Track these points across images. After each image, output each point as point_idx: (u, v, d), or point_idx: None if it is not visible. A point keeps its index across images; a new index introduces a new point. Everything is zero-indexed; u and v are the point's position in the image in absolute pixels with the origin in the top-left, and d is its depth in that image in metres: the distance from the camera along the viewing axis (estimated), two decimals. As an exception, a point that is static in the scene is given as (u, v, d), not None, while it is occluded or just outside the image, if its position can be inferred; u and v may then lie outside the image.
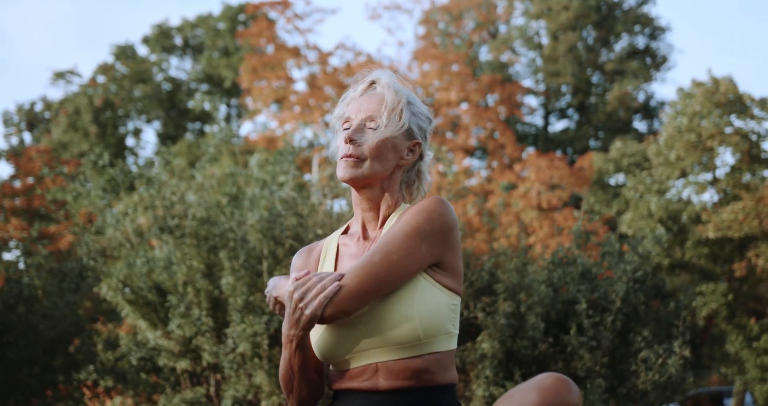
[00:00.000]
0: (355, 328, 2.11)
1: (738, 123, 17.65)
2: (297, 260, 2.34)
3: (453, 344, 2.17)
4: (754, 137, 17.63)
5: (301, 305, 2.07)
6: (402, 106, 2.25)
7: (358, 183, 2.21)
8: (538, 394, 1.94)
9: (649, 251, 7.23)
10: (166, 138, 29.59)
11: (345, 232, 2.33)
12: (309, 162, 16.12)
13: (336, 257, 2.26)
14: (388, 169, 2.23)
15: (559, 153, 26.68)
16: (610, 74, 28.28)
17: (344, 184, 2.32)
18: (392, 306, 2.09)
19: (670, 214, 17.69)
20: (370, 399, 2.11)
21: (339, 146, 2.25)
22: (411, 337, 2.08)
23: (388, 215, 2.25)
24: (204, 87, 31.03)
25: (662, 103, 28.31)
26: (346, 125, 2.25)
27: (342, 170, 2.20)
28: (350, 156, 2.19)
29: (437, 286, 2.14)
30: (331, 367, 2.22)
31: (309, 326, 2.09)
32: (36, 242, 10.59)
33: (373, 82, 2.31)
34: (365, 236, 2.26)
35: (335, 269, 2.24)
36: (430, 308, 2.10)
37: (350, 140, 2.19)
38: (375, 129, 2.22)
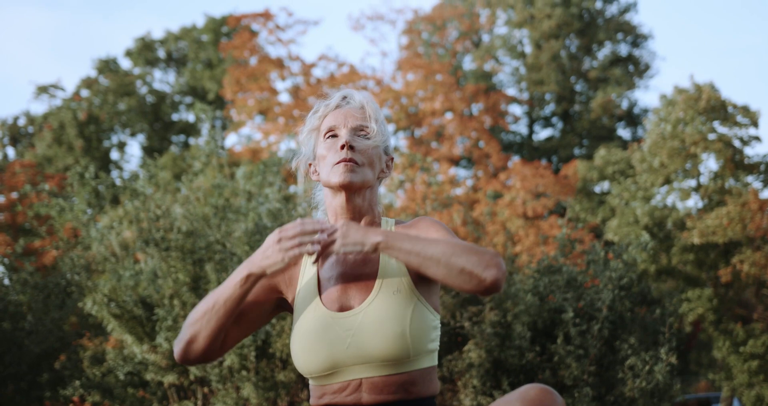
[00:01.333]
0: (342, 342, 2.10)
1: (721, 129, 17.76)
2: None
3: (435, 361, 2.18)
4: (737, 143, 17.74)
5: (292, 243, 2.06)
6: (382, 119, 2.26)
7: (354, 188, 2.19)
8: (522, 405, 1.95)
9: (635, 258, 7.25)
10: (151, 151, 29.51)
11: None
12: (294, 174, 16.09)
13: (318, 273, 2.24)
14: (374, 178, 2.24)
15: (543, 161, 26.76)
16: (593, 82, 28.41)
17: (324, 193, 2.29)
18: (386, 323, 2.09)
19: (655, 220, 17.76)
20: None
21: (326, 155, 2.22)
22: (401, 355, 2.08)
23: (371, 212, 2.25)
24: (188, 99, 30.99)
25: (646, 111, 28.47)
26: (331, 133, 2.24)
27: (340, 175, 2.17)
28: (350, 160, 2.18)
29: (427, 306, 2.15)
30: (311, 382, 2.21)
31: (279, 265, 2.08)
32: (21, 257, 10.52)
33: (345, 97, 2.29)
34: None
35: (318, 279, 2.21)
36: (420, 327, 2.11)
37: (349, 146, 2.18)
38: (367, 137, 2.22)
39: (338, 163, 2.18)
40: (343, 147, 2.18)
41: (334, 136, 2.23)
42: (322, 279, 2.21)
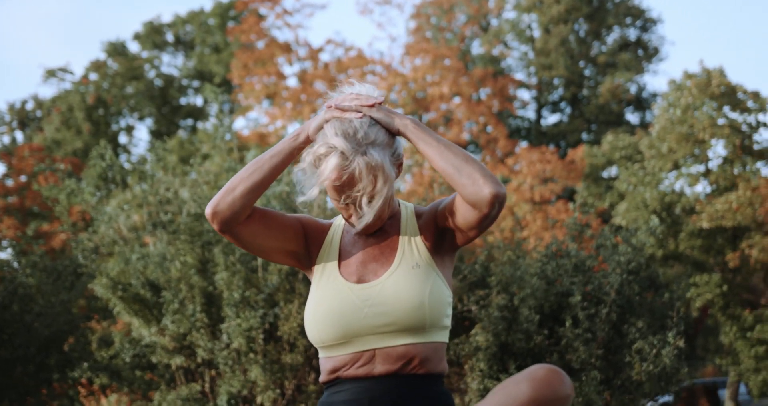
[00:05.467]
0: (359, 311, 2.11)
1: (731, 115, 17.68)
2: (312, 220, 2.31)
3: (447, 337, 2.20)
4: (746, 129, 17.67)
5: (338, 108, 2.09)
6: (380, 168, 2.07)
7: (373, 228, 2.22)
8: (530, 385, 1.95)
9: (644, 243, 7.23)
10: (159, 134, 29.54)
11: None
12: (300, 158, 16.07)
13: (339, 249, 2.25)
14: (388, 199, 2.18)
15: (551, 146, 26.69)
16: (602, 67, 28.31)
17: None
18: (404, 294, 2.11)
19: (664, 205, 17.73)
20: (364, 384, 2.11)
21: (339, 208, 2.18)
22: (417, 323, 2.10)
23: (389, 214, 2.23)
24: (196, 83, 30.97)
25: (654, 96, 28.37)
26: (332, 195, 2.15)
27: (357, 228, 2.17)
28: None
29: (444, 281, 2.18)
30: (322, 355, 2.20)
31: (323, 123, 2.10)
32: (31, 241, 10.54)
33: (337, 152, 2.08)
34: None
35: (339, 261, 2.22)
36: (438, 300, 2.13)
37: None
38: (370, 200, 2.10)
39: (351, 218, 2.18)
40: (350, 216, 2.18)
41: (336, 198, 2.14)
42: (343, 252, 2.23)
